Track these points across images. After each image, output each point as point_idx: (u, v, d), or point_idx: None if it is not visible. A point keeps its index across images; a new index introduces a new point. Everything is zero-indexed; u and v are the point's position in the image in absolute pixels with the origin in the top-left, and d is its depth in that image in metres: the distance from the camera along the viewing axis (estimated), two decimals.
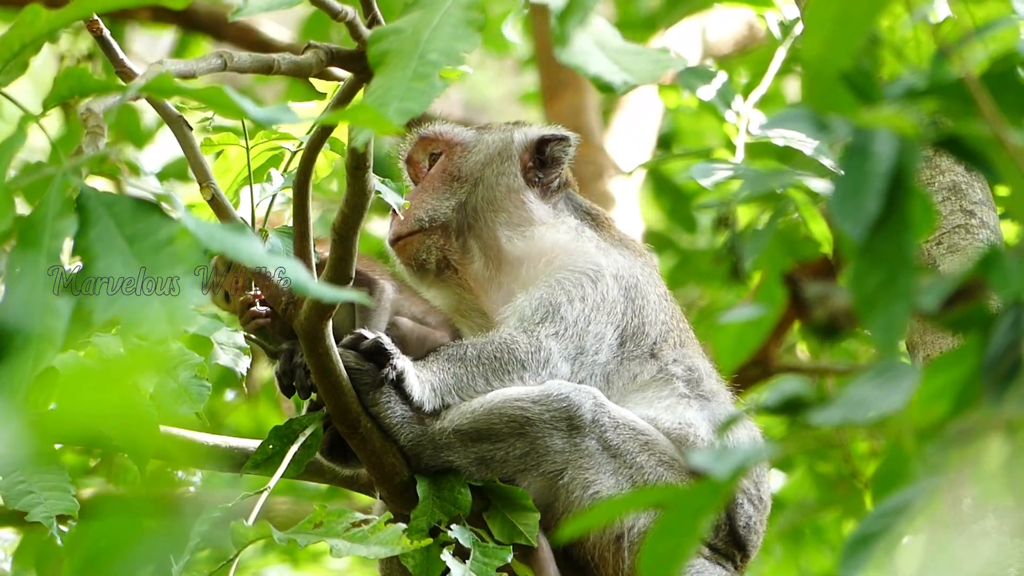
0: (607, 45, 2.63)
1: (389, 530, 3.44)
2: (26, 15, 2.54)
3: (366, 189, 3.39)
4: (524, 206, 4.19)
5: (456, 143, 4.28)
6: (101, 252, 2.37)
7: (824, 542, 7.15)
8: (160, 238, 2.37)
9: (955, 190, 3.65)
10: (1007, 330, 2.06)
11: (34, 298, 2.32)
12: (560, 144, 4.27)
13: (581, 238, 4.15)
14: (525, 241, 4.15)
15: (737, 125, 5.37)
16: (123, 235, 2.38)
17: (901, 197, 2.08)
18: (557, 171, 4.26)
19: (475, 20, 2.74)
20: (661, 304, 4.12)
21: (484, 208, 4.18)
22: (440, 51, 2.71)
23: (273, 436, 3.76)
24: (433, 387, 3.81)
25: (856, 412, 2.05)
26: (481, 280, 4.16)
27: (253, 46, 7.18)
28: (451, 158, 4.25)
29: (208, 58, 3.00)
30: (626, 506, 2.17)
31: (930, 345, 3.53)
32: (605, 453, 3.82)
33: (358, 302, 3.76)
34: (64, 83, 2.54)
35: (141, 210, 2.40)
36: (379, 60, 2.76)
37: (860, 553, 2.04)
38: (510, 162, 4.24)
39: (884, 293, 2.06)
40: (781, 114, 2.22)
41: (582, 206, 4.29)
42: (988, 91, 2.11)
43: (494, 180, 4.22)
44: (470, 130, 4.33)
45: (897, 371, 2.09)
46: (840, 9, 2.11)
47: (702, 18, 7.15)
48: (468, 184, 4.21)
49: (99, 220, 2.39)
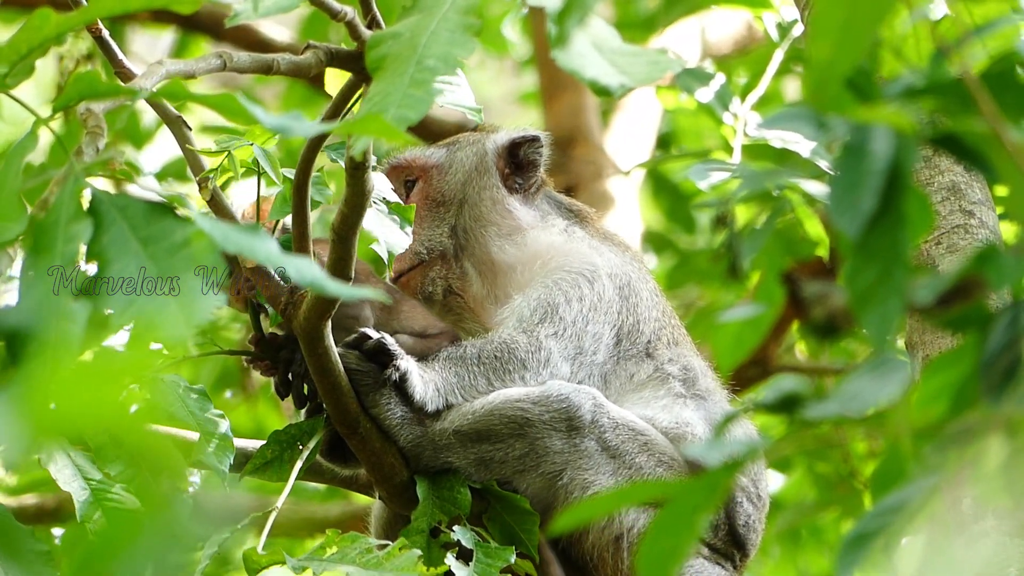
0: (604, 46, 2.63)
1: (404, 556, 3.42)
2: (35, 19, 2.53)
3: (365, 189, 3.39)
4: (511, 214, 4.19)
5: (430, 167, 4.24)
6: (115, 256, 2.36)
7: (823, 543, 7.14)
8: (175, 240, 2.36)
9: (954, 190, 3.65)
10: (1005, 329, 2.06)
11: (49, 302, 2.32)
12: (532, 146, 4.25)
13: (573, 238, 4.15)
14: (517, 248, 4.14)
15: (734, 127, 5.37)
16: (137, 238, 2.37)
17: (897, 194, 2.08)
18: (535, 173, 4.25)
19: (472, 25, 2.73)
20: (653, 300, 4.13)
21: (473, 226, 4.17)
22: (437, 57, 2.71)
23: (272, 441, 3.76)
24: (437, 387, 3.81)
25: (851, 405, 2.05)
26: (480, 299, 4.15)
27: (253, 46, 7.18)
28: (429, 183, 4.22)
29: (207, 58, 3.00)
30: (621, 500, 2.17)
31: (929, 345, 3.53)
32: (604, 454, 3.82)
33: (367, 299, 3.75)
34: (75, 87, 2.54)
35: (155, 213, 2.39)
36: (377, 65, 2.75)
37: (856, 551, 2.04)
38: (488, 174, 4.22)
39: (878, 289, 2.07)
40: (780, 113, 2.22)
41: (563, 204, 4.29)
42: (987, 90, 2.12)
43: (477, 196, 4.20)
44: (439, 149, 4.28)
45: (891, 365, 2.09)
46: (847, 13, 2.11)
47: (701, 18, 7.15)
48: (454, 206, 4.19)
49: (113, 223, 2.38)
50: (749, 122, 5.36)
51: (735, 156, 5.29)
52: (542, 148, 4.26)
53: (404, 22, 2.78)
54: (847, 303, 2.14)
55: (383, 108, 2.66)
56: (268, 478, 3.78)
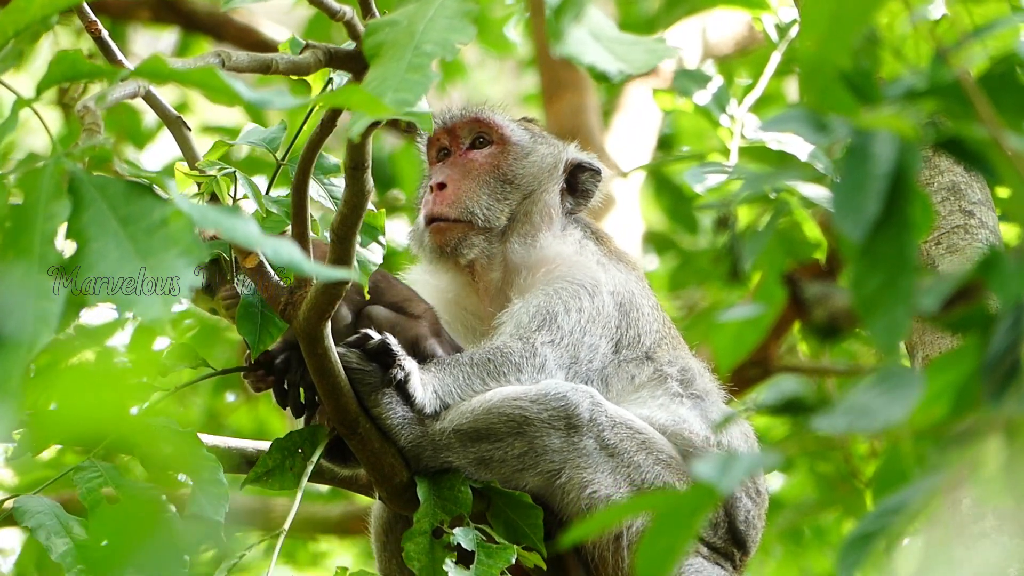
0: (602, 35, 2.62)
1: None
2: (19, 1, 2.52)
3: (365, 189, 3.39)
4: (550, 226, 4.20)
5: (513, 143, 4.25)
6: (94, 235, 2.35)
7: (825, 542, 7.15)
8: (154, 220, 2.35)
9: (954, 190, 3.65)
10: (1007, 331, 2.06)
11: (28, 281, 2.31)
12: (594, 176, 4.27)
13: (584, 251, 4.16)
14: (526, 249, 4.15)
15: (732, 129, 5.36)
16: (116, 217, 2.36)
17: (902, 199, 2.07)
18: (587, 202, 4.27)
19: (470, 11, 2.73)
20: (654, 314, 4.15)
21: (522, 220, 4.18)
22: (435, 42, 2.70)
23: (275, 449, 3.76)
24: (435, 390, 3.81)
25: (861, 421, 2.04)
26: (488, 286, 4.15)
27: (253, 46, 7.18)
28: (504, 156, 4.22)
29: (206, 57, 3.00)
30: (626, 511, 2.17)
31: (929, 345, 3.53)
32: (603, 452, 3.82)
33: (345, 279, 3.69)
34: (57, 67, 2.52)
35: (134, 193, 2.38)
36: (374, 52, 2.75)
37: (858, 552, 2.04)
38: (556, 182, 4.24)
39: (885, 295, 2.06)
40: (780, 115, 2.21)
41: (583, 220, 4.30)
42: (988, 92, 2.11)
43: (540, 196, 4.21)
44: (521, 129, 4.29)
45: (901, 378, 2.08)
46: (835, 6, 2.11)
47: (703, 18, 7.15)
48: (519, 193, 4.19)
49: (92, 203, 2.37)
50: (747, 124, 5.36)
51: (732, 159, 5.28)
52: (599, 183, 4.28)
53: (402, 10, 2.78)
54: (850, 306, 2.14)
55: (380, 92, 2.66)
56: (270, 487, 3.78)
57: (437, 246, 4.13)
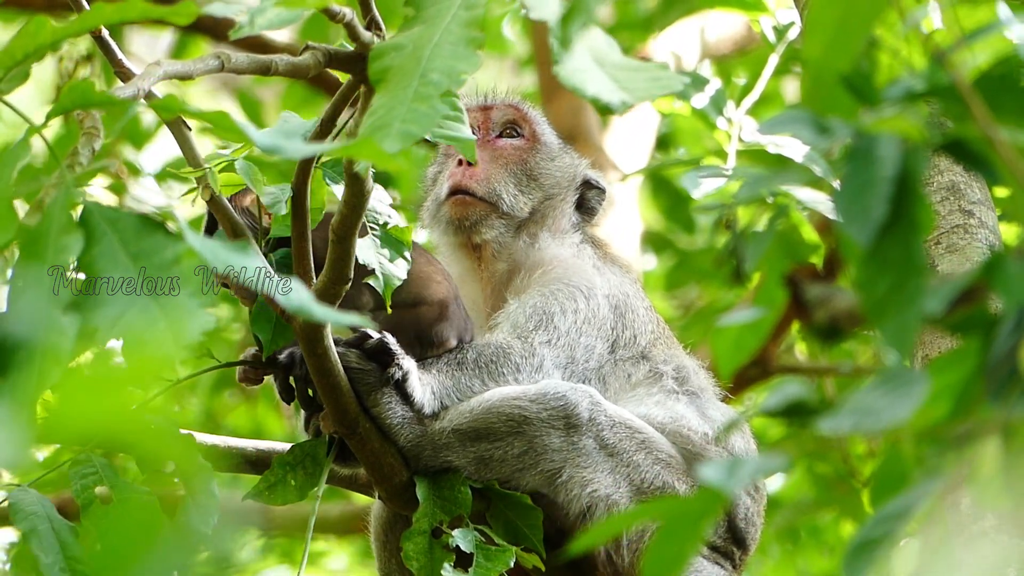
0: (605, 61, 2.62)
1: None
2: (31, 25, 2.53)
3: (364, 190, 3.39)
4: (558, 228, 4.22)
5: (543, 142, 4.30)
6: (105, 270, 2.35)
7: (822, 543, 7.15)
8: (166, 257, 2.35)
9: (954, 190, 3.65)
10: (1009, 333, 2.06)
11: (38, 314, 2.30)
12: (600, 195, 4.33)
13: (581, 255, 4.19)
14: (529, 248, 4.17)
15: (729, 132, 5.36)
16: (127, 253, 2.36)
17: (908, 201, 2.07)
18: (591, 219, 4.32)
19: (475, 39, 2.71)
20: (648, 315, 4.17)
21: (538, 221, 4.21)
22: (441, 71, 2.69)
23: (277, 465, 3.77)
24: (433, 390, 3.82)
25: (866, 422, 2.04)
26: (492, 279, 4.17)
27: (252, 47, 7.17)
28: (533, 154, 4.26)
29: (206, 59, 3.00)
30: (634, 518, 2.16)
31: (929, 345, 3.53)
32: (602, 452, 3.82)
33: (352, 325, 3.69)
34: (69, 96, 2.53)
35: (146, 228, 2.37)
36: (380, 77, 2.74)
37: (862, 559, 2.03)
38: (571, 192, 4.29)
39: (894, 298, 2.05)
40: (780, 116, 2.21)
41: (581, 226, 4.32)
42: (987, 94, 2.11)
43: (558, 202, 4.24)
44: (552, 133, 4.34)
45: (905, 378, 2.08)
46: (841, 12, 2.11)
47: (701, 18, 7.14)
48: (541, 193, 4.23)
49: (103, 237, 2.36)
50: (744, 127, 5.36)
51: (730, 162, 5.28)
52: (604, 202, 4.33)
53: (407, 33, 2.77)
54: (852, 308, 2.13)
55: (387, 122, 2.65)
56: (272, 502, 3.79)
57: (456, 219, 4.14)
